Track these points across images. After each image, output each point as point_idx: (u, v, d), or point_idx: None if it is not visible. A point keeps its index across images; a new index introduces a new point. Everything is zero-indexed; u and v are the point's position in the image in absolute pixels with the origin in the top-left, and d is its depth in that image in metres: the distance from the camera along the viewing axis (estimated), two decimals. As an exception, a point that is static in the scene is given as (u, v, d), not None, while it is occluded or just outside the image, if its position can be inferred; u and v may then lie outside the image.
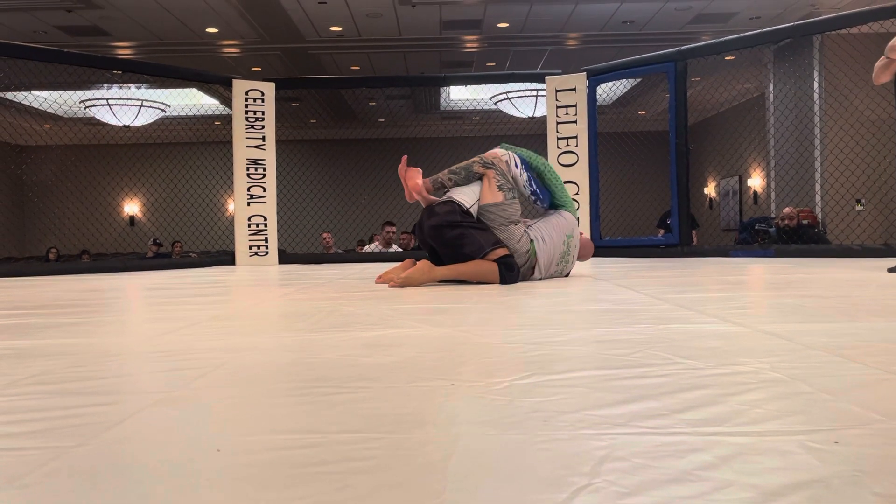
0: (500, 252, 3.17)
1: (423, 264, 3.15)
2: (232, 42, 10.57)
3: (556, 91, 6.72)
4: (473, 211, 3.28)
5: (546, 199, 3.49)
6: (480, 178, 3.36)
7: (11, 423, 0.92)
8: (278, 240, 6.75)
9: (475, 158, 3.39)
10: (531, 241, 3.30)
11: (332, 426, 0.87)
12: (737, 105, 11.95)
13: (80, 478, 0.70)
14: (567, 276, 3.52)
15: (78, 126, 11.64)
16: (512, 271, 3.15)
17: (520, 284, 3.12)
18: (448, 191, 3.37)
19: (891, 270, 3.54)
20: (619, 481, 0.65)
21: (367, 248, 9.05)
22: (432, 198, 3.35)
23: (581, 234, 3.62)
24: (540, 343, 1.48)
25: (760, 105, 10.87)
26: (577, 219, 3.58)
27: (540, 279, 3.35)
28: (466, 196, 3.30)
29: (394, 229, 8.51)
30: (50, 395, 1.08)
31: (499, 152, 3.44)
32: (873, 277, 3.20)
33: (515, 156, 3.42)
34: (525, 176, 3.40)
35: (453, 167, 3.40)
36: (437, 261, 3.30)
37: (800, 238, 6.93)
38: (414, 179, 3.35)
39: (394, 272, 3.28)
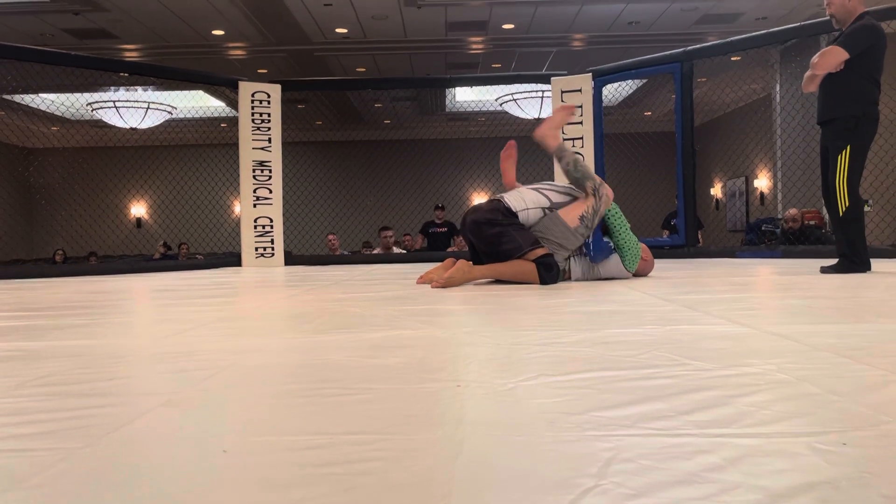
0: (540, 252, 3.14)
1: (463, 264, 3.16)
2: (238, 44, 10.60)
3: (562, 92, 6.72)
4: (521, 216, 3.25)
5: (597, 253, 3.37)
6: (583, 192, 3.33)
7: (20, 424, 0.92)
8: (284, 241, 6.76)
9: (597, 179, 3.36)
10: (566, 260, 3.32)
11: (338, 427, 0.88)
12: (743, 106, 11.90)
13: (88, 479, 0.71)
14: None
15: (85, 128, 11.71)
16: (551, 271, 3.11)
17: (525, 286, 3.11)
18: (561, 160, 3.42)
19: (824, 270, 3.57)
20: (626, 483, 0.65)
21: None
22: (551, 146, 3.52)
23: (645, 259, 3.59)
24: (546, 344, 1.47)
25: (767, 105, 10.82)
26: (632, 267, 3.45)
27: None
28: (518, 200, 3.29)
29: (391, 233, 8.45)
30: (58, 397, 1.08)
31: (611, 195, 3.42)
32: (881, 279, 3.19)
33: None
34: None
35: (581, 161, 3.44)
36: (477, 259, 3.32)
37: (806, 239, 6.90)
38: (551, 126, 3.55)
39: (435, 272, 3.30)
